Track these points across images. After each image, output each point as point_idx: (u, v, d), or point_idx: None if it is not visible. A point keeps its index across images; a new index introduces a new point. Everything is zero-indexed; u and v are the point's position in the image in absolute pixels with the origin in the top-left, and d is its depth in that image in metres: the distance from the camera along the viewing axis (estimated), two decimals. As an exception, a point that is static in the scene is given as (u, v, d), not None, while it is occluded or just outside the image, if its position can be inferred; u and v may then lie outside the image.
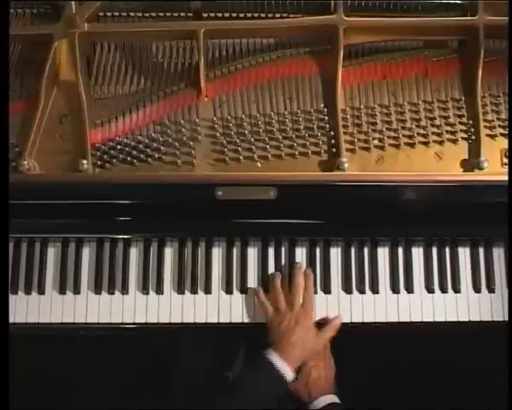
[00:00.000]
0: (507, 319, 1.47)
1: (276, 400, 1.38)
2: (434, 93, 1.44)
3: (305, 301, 1.46)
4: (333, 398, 1.41)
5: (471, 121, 1.40)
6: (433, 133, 1.41)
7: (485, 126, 1.40)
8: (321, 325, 1.48)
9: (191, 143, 1.41)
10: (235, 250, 1.53)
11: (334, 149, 1.39)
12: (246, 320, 1.50)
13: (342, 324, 1.48)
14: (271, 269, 1.52)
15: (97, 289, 1.50)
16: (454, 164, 1.39)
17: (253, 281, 1.52)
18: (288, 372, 1.37)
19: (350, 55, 1.47)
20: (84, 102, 1.40)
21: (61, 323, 1.50)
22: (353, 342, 1.56)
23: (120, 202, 1.42)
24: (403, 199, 1.39)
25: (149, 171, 1.39)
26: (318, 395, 1.41)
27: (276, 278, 1.49)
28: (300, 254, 1.53)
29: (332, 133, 1.40)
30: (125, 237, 1.52)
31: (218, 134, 1.42)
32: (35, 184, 1.39)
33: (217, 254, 1.53)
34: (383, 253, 1.53)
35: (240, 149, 1.40)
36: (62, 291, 1.51)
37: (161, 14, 1.51)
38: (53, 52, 1.43)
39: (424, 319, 1.49)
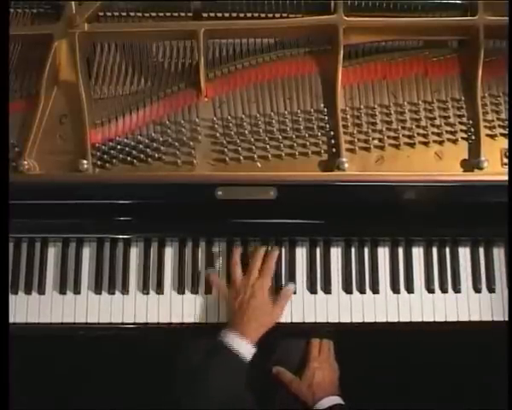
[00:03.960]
0: (507, 319, 1.47)
1: (240, 381, 1.39)
2: (434, 93, 1.44)
3: (262, 274, 1.46)
4: (337, 399, 1.41)
5: (471, 121, 1.40)
6: (433, 133, 1.41)
7: (485, 126, 1.40)
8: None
9: (191, 143, 1.41)
10: (234, 250, 1.53)
11: (334, 149, 1.39)
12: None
13: (342, 324, 1.48)
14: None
15: (97, 290, 1.50)
16: (454, 164, 1.39)
17: (252, 281, 1.51)
18: (247, 348, 1.37)
19: (350, 55, 1.47)
20: (84, 102, 1.40)
21: (62, 323, 1.50)
22: (353, 342, 1.56)
23: (120, 202, 1.42)
24: (403, 199, 1.39)
25: (149, 171, 1.39)
26: (322, 397, 1.41)
27: (235, 253, 1.50)
28: (300, 254, 1.53)
29: (332, 133, 1.40)
30: (126, 237, 1.52)
31: (218, 134, 1.42)
32: (35, 184, 1.39)
33: (216, 254, 1.53)
34: (383, 253, 1.53)
35: (240, 149, 1.40)
36: (62, 291, 1.51)
37: (161, 14, 1.51)
38: (53, 52, 1.43)
39: (424, 319, 1.49)
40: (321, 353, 1.46)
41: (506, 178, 1.35)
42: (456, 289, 1.50)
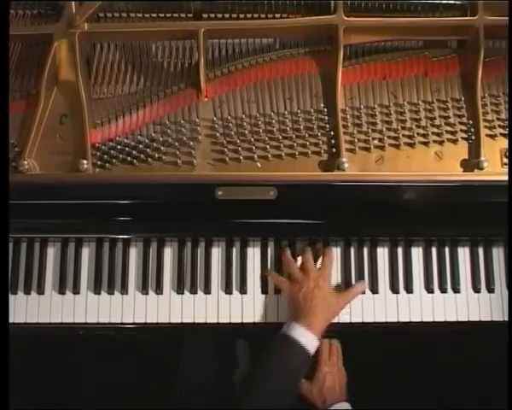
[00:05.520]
0: (506, 319, 1.47)
1: (302, 375, 1.39)
2: (434, 93, 1.44)
3: (322, 266, 1.48)
4: (346, 405, 1.41)
5: (471, 121, 1.40)
6: (433, 133, 1.41)
7: (485, 126, 1.40)
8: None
9: (191, 143, 1.41)
10: (234, 250, 1.53)
11: (334, 149, 1.39)
12: (245, 320, 1.50)
13: (341, 324, 1.48)
14: (271, 269, 1.52)
15: (97, 290, 1.51)
16: (454, 164, 1.39)
17: (252, 281, 1.52)
18: (311, 341, 1.37)
19: (350, 55, 1.48)
20: (84, 102, 1.40)
21: (61, 323, 1.50)
22: (353, 342, 1.56)
23: (120, 202, 1.42)
24: (403, 199, 1.39)
25: (149, 171, 1.39)
26: (333, 402, 1.40)
27: (287, 250, 1.50)
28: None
29: (332, 133, 1.40)
30: (125, 237, 1.52)
31: (218, 134, 1.42)
32: (35, 184, 1.38)
33: (216, 254, 1.53)
34: (383, 253, 1.53)
35: (240, 149, 1.40)
36: (62, 291, 1.51)
37: (161, 14, 1.52)
38: (53, 52, 1.43)
39: (424, 319, 1.49)
40: (331, 356, 1.46)
41: (506, 178, 1.35)
42: (456, 290, 1.50)
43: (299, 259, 1.51)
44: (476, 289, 1.50)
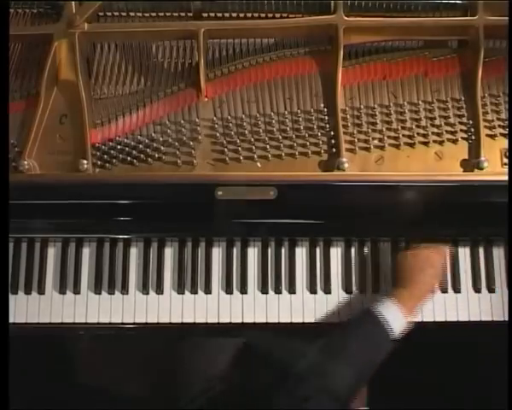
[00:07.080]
0: (507, 319, 1.47)
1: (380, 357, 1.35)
2: (434, 93, 1.45)
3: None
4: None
5: (471, 121, 1.41)
6: (433, 133, 1.41)
7: (485, 126, 1.40)
8: None
9: (191, 143, 1.41)
10: (235, 250, 1.53)
11: (334, 149, 1.39)
12: (246, 320, 1.50)
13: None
14: (271, 269, 1.51)
15: (97, 290, 1.50)
16: (454, 164, 1.40)
17: (253, 281, 1.51)
18: (399, 321, 1.34)
19: (350, 55, 1.48)
20: (84, 102, 1.41)
21: (61, 323, 1.50)
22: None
23: (120, 202, 1.42)
24: (403, 199, 1.39)
25: (149, 171, 1.40)
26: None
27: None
28: (300, 254, 1.52)
29: (332, 133, 1.40)
30: (125, 237, 1.52)
31: (218, 134, 1.42)
32: (35, 184, 1.39)
33: (217, 254, 1.53)
34: (383, 253, 1.52)
35: (240, 149, 1.40)
36: (62, 291, 1.50)
37: (161, 14, 1.52)
38: (53, 52, 1.43)
39: (424, 319, 1.49)
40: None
41: (506, 178, 1.35)
42: (456, 289, 1.50)
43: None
44: (477, 289, 1.50)
